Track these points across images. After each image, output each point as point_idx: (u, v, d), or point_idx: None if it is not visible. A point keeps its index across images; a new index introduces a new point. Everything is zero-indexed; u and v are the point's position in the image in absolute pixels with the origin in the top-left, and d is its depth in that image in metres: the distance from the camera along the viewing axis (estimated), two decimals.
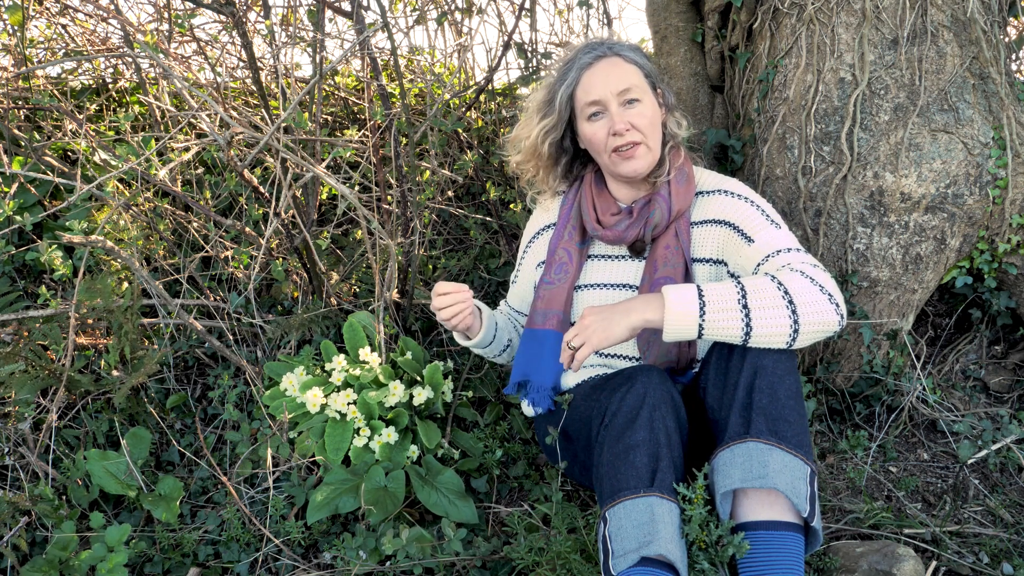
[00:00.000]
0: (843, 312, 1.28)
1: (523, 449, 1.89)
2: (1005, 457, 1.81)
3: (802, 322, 1.26)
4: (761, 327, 1.26)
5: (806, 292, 1.27)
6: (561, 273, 1.63)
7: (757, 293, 1.27)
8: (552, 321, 1.61)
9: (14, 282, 2.20)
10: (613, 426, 1.27)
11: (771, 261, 1.38)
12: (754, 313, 1.26)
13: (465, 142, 2.41)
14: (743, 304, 1.27)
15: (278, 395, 1.81)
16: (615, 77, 1.49)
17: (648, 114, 1.50)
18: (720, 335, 1.29)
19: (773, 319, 1.26)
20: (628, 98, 1.49)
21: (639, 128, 1.48)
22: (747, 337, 1.27)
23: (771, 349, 1.29)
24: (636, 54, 1.55)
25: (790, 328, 1.26)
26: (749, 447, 1.22)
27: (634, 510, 1.19)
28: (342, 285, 2.14)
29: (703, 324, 1.28)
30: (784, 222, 1.50)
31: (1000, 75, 1.79)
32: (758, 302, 1.27)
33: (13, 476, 1.77)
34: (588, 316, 1.34)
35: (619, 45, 1.55)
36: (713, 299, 1.28)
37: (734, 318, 1.27)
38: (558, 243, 1.65)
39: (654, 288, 1.50)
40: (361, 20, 1.66)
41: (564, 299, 1.61)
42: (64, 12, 2.22)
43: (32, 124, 2.28)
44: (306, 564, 1.58)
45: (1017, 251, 1.89)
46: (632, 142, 1.49)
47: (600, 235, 1.58)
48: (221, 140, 1.60)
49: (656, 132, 1.52)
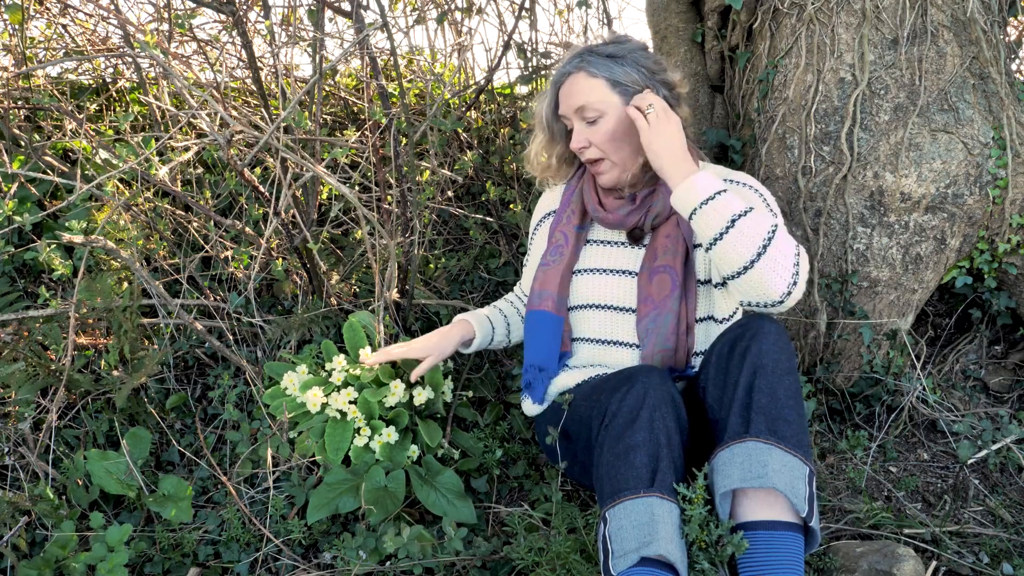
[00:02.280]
0: (790, 293, 1.33)
1: (523, 449, 1.89)
2: (1005, 457, 1.81)
3: (757, 267, 1.31)
4: (726, 246, 1.32)
5: (783, 256, 1.32)
6: (557, 255, 1.64)
7: (750, 224, 1.32)
8: (548, 303, 1.62)
9: (14, 282, 2.20)
10: (613, 426, 1.27)
11: None
12: (731, 233, 1.31)
13: (465, 142, 2.41)
14: (732, 220, 1.32)
15: (278, 395, 1.81)
16: (575, 95, 1.51)
17: (608, 130, 1.49)
18: (700, 230, 1.36)
19: (741, 247, 1.31)
20: (584, 116, 1.50)
21: (597, 144, 1.51)
22: (712, 245, 1.34)
23: (772, 349, 1.29)
24: (608, 62, 1.49)
25: (743, 264, 1.32)
26: (748, 447, 1.22)
27: (634, 510, 1.19)
28: (342, 285, 2.14)
29: (695, 212, 1.35)
30: (781, 216, 1.53)
31: (1000, 75, 1.79)
32: (744, 227, 1.31)
33: (13, 476, 1.77)
34: (672, 123, 1.41)
35: (590, 56, 1.51)
36: (719, 204, 1.33)
37: (717, 226, 1.33)
38: (557, 226, 1.67)
39: (653, 276, 1.51)
40: (361, 20, 1.66)
41: (559, 281, 1.62)
42: (64, 12, 2.22)
43: (32, 124, 2.28)
44: (306, 564, 1.58)
45: (1017, 251, 1.89)
46: (590, 159, 1.53)
47: (600, 217, 1.59)
48: (221, 139, 1.60)
49: (621, 145, 1.51)
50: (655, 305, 1.50)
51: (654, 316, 1.50)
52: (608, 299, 1.59)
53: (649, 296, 1.51)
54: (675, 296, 1.49)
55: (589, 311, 1.61)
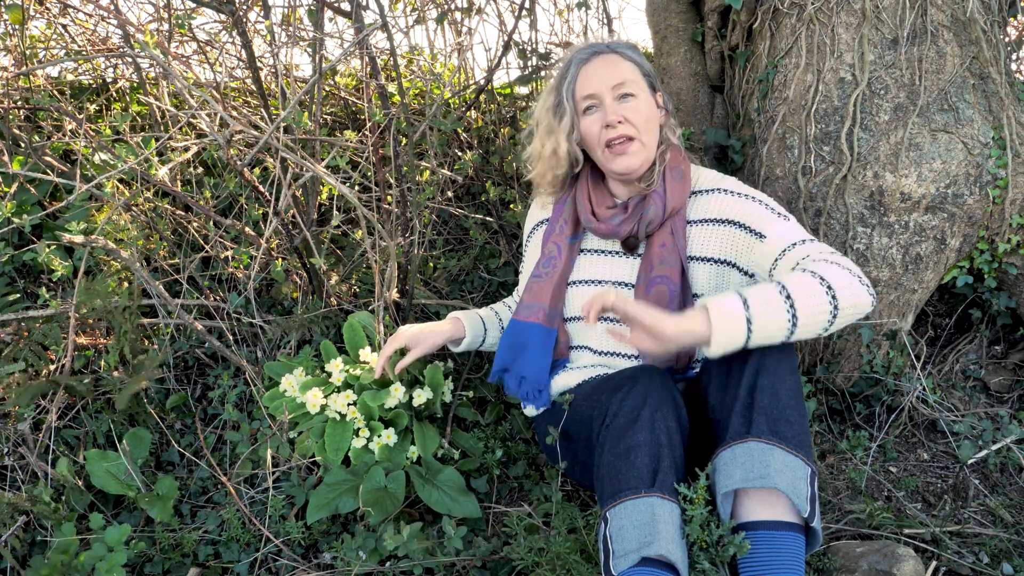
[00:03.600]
0: (873, 292, 1.29)
1: (523, 449, 1.89)
2: (1005, 457, 1.81)
3: (841, 304, 1.25)
4: (805, 315, 1.23)
5: (840, 277, 1.26)
6: (550, 267, 1.63)
7: (797, 287, 1.25)
8: (538, 315, 1.61)
9: (14, 282, 2.20)
10: (614, 426, 1.27)
11: (788, 255, 1.37)
12: (798, 302, 1.23)
13: (465, 142, 2.41)
14: (785, 295, 1.24)
15: (278, 396, 1.81)
16: (610, 71, 1.50)
17: (643, 110, 1.50)
18: (769, 328, 1.24)
19: (816, 305, 1.24)
20: (622, 92, 1.49)
21: (632, 122, 1.48)
22: (793, 325, 1.24)
23: (773, 348, 1.29)
24: (635, 53, 1.55)
25: (830, 312, 1.25)
26: (750, 447, 1.22)
27: (635, 510, 1.19)
28: (342, 285, 2.14)
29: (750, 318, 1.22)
30: (788, 212, 1.49)
31: (1000, 75, 1.79)
32: (799, 291, 1.24)
33: (12, 477, 1.77)
34: (643, 313, 1.25)
35: (618, 43, 1.57)
36: (758, 311, 1.23)
37: (779, 307, 1.23)
38: (549, 237, 1.66)
39: (650, 287, 1.50)
40: (360, 20, 1.66)
41: (551, 293, 1.61)
42: (64, 12, 2.22)
43: (32, 124, 2.28)
44: (306, 564, 1.58)
45: (1017, 251, 1.89)
46: (624, 135, 1.48)
47: (593, 227, 1.58)
48: (220, 139, 1.60)
49: (651, 131, 1.52)
50: None
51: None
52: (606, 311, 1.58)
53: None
54: (673, 307, 1.48)
55: (586, 323, 1.60)
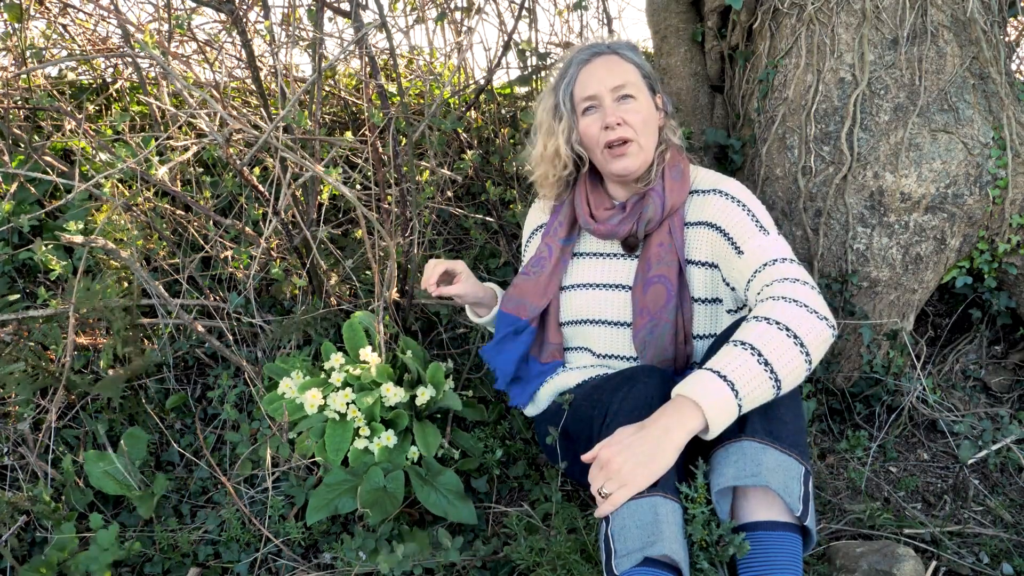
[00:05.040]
0: (833, 323, 1.25)
1: (523, 449, 1.89)
2: (1005, 457, 1.81)
3: (810, 350, 1.22)
4: (785, 374, 1.20)
5: (801, 320, 1.22)
6: (538, 267, 1.64)
7: (767, 344, 1.21)
8: (518, 309, 1.64)
9: (14, 282, 2.20)
10: (614, 426, 1.27)
11: (759, 276, 1.36)
12: (776, 365, 1.20)
13: (465, 142, 2.41)
14: (763, 362, 1.20)
15: (278, 399, 1.80)
16: (611, 73, 1.50)
17: (642, 112, 1.50)
18: (757, 401, 1.20)
19: (791, 361, 1.20)
20: (622, 94, 1.50)
21: (631, 124, 1.48)
22: (778, 390, 1.21)
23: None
24: (635, 54, 1.55)
25: (804, 361, 1.22)
26: (743, 445, 1.22)
27: (638, 510, 1.19)
28: (342, 285, 2.14)
29: (741, 403, 1.18)
30: (774, 227, 1.45)
31: (1000, 75, 1.79)
32: (771, 352, 1.20)
33: (12, 476, 1.77)
34: (616, 456, 1.17)
35: (618, 44, 1.56)
36: (738, 375, 1.19)
37: (763, 381, 1.19)
38: (543, 237, 1.67)
39: (647, 287, 1.50)
40: (360, 20, 1.66)
41: (534, 291, 1.63)
42: (64, 12, 2.22)
43: (32, 124, 2.28)
44: (306, 564, 1.58)
45: (1017, 251, 1.89)
46: (623, 138, 1.48)
47: (592, 229, 1.58)
48: (220, 138, 1.60)
49: (650, 133, 1.52)
50: (651, 316, 1.49)
51: (650, 328, 1.49)
52: (603, 314, 1.58)
53: (644, 308, 1.50)
54: (671, 307, 1.48)
55: (585, 326, 1.60)
